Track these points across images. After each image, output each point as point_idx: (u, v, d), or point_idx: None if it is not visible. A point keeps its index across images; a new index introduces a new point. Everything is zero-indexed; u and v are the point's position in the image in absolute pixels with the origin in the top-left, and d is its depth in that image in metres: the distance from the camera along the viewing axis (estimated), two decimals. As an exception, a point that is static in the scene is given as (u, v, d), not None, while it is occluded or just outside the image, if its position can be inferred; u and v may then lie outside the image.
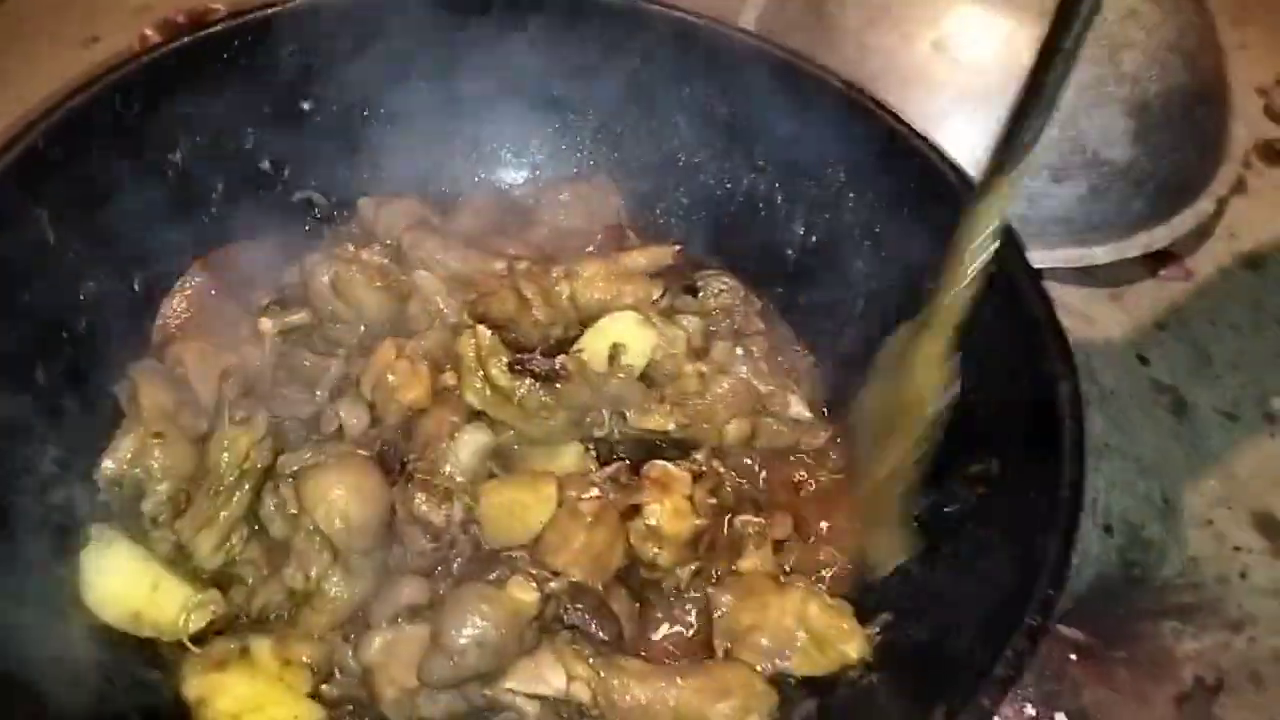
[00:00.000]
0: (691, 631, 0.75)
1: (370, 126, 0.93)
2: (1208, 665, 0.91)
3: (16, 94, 0.97)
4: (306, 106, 0.89)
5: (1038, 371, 0.71)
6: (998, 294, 0.76)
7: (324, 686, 0.70)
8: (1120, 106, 1.07)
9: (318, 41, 0.86)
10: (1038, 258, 1.09)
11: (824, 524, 0.84)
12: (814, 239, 0.90)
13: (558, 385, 0.78)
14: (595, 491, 0.75)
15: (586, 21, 0.90)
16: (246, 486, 0.74)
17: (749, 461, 0.86)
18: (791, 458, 0.87)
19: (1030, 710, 0.88)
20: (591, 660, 0.66)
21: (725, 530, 0.78)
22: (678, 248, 0.88)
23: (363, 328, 0.85)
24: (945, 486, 0.76)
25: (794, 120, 0.88)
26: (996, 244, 0.70)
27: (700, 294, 0.91)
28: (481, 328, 0.78)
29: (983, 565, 0.68)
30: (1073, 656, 0.91)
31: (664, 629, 0.74)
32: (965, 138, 1.06)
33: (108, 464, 0.74)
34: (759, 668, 0.70)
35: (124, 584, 0.71)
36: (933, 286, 0.71)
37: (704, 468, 0.80)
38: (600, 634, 0.68)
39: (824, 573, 0.80)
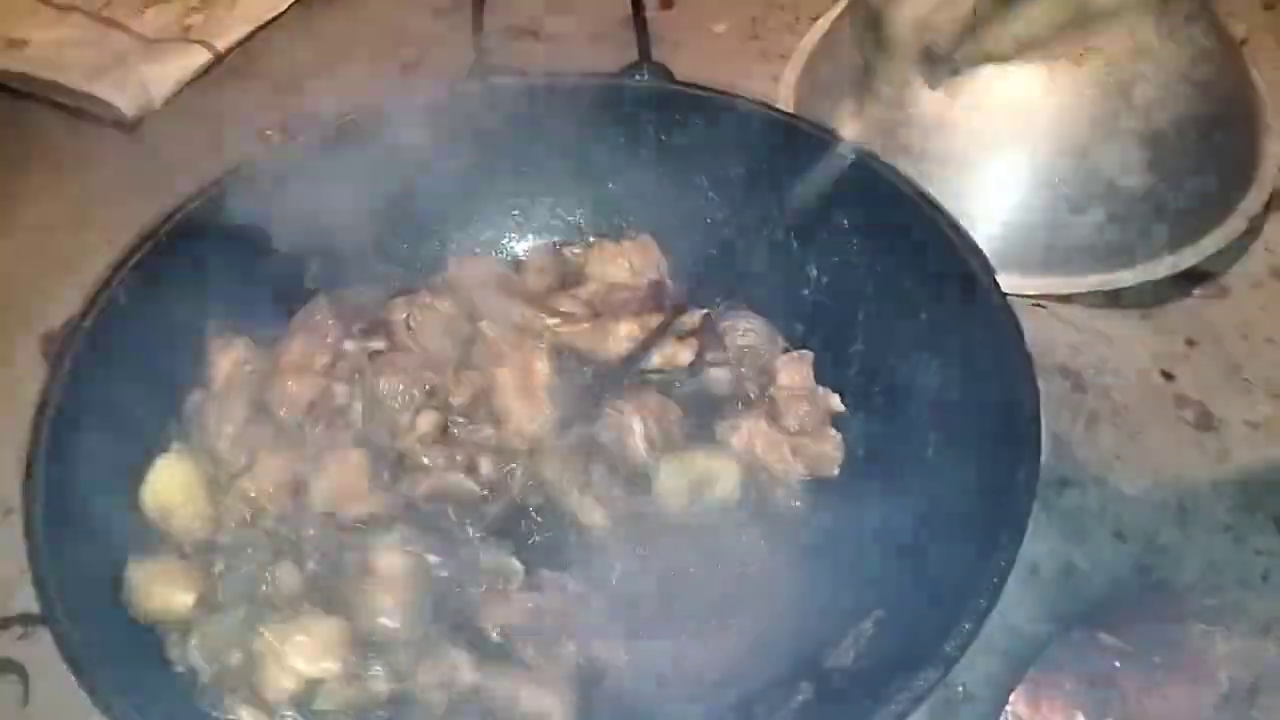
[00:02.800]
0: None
1: (439, 206, 1.09)
2: (1241, 668, 0.93)
3: (166, 196, 1.11)
4: (384, 195, 1.05)
5: (1008, 388, 0.80)
6: (975, 321, 0.85)
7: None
8: (1134, 137, 1.13)
9: (392, 139, 1.02)
10: (1064, 285, 1.16)
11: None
12: (825, 280, 1.00)
13: None
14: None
15: (619, 106, 1.04)
16: None
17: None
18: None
19: (1081, 718, 0.93)
20: None
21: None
22: (705, 312, 1.00)
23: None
24: (937, 495, 0.85)
25: (802, 176, 0.99)
26: None
27: (726, 336, 1.02)
28: None
29: (958, 562, 0.77)
30: (1117, 664, 0.96)
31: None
32: (979, 174, 1.15)
33: None
34: None
35: (166, 489, 0.88)
36: None
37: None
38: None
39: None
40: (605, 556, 0.89)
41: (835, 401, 0.99)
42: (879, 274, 0.96)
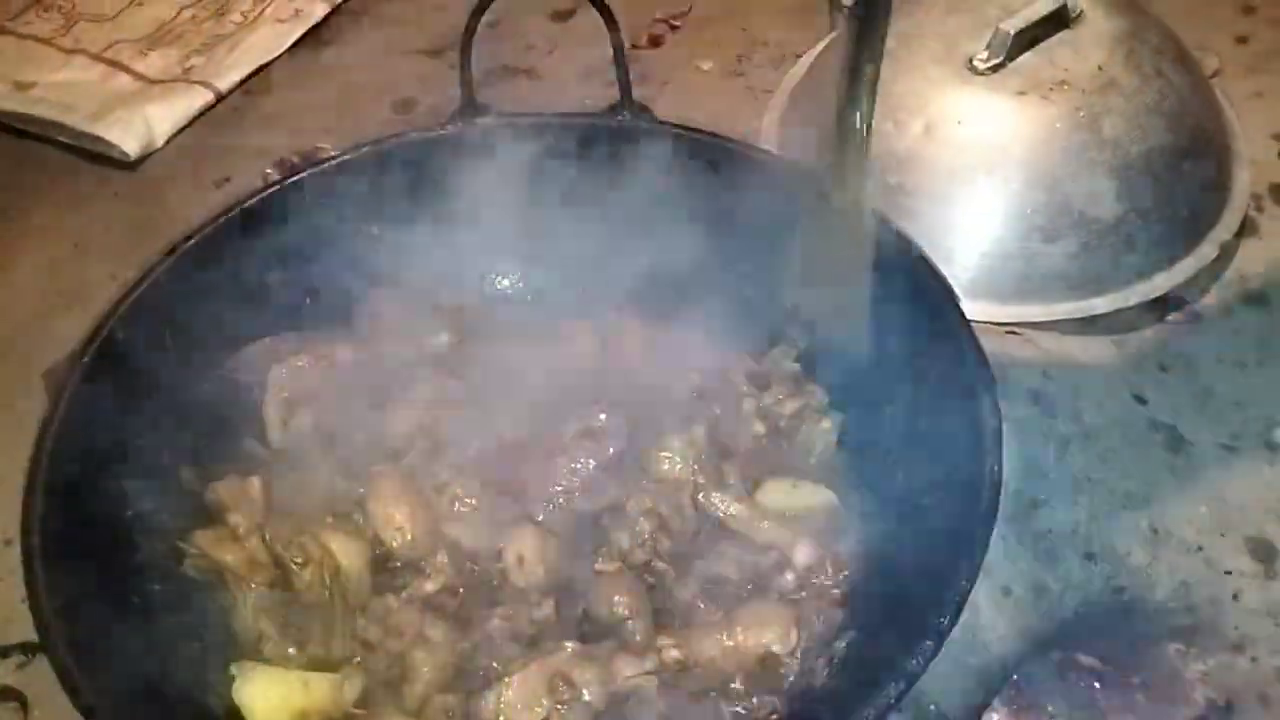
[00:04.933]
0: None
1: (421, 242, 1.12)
2: (1216, 687, 0.95)
3: (167, 233, 1.12)
4: (375, 230, 1.09)
5: (973, 416, 0.83)
6: (941, 351, 0.88)
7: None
8: (1103, 169, 1.16)
9: (373, 182, 1.06)
10: (1038, 312, 1.19)
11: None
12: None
13: None
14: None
15: (594, 145, 1.08)
16: None
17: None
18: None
19: (1061, 738, 0.95)
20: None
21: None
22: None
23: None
24: (910, 517, 0.88)
25: (776, 205, 1.02)
26: None
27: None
28: None
29: (924, 585, 0.79)
30: (1096, 685, 0.98)
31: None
32: (954, 206, 1.18)
33: None
34: None
35: (280, 697, 0.81)
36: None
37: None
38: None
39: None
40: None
41: (820, 395, 1.03)
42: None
